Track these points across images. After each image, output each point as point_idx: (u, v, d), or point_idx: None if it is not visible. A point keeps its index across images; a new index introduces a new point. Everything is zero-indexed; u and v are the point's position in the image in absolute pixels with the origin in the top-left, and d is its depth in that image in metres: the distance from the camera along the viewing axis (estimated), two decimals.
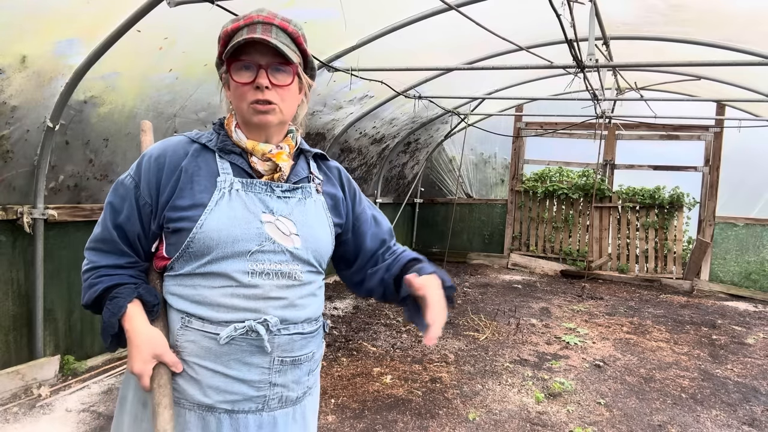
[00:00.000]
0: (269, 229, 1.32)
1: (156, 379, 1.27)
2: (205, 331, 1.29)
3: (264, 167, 1.36)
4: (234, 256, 1.28)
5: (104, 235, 1.36)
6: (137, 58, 3.62)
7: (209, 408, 1.31)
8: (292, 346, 1.35)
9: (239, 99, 1.32)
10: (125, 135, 4.02)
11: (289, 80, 1.32)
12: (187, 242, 1.29)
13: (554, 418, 3.69)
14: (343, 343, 5.04)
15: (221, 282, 1.29)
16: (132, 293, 1.31)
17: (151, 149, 1.38)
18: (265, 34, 1.27)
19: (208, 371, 1.30)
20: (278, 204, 1.35)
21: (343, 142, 6.87)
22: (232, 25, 1.32)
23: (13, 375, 3.57)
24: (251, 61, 1.29)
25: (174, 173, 1.32)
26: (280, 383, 1.35)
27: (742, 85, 6.76)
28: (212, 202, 1.29)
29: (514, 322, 6.00)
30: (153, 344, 1.28)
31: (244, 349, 1.30)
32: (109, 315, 1.30)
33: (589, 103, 6.67)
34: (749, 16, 4.81)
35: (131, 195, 1.34)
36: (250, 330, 1.28)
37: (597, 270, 9.13)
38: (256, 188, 1.34)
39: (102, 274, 1.34)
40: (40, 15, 2.98)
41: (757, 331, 6.26)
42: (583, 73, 4.62)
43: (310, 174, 1.44)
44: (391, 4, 4.45)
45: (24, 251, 3.73)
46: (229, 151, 1.36)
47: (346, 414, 3.59)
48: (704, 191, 8.88)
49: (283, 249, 1.32)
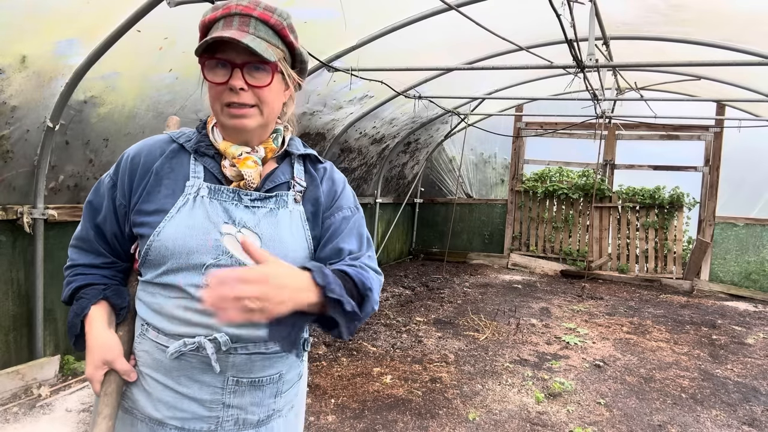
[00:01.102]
0: (228, 241, 1.21)
1: (104, 387, 1.23)
2: (158, 343, 1.23)
3: (231, 173, 1.25)
4: (188, 269, 1.20)
5: (83, 234, 1.34)
6: (137, 58, 3.61)
7: (159, 423, 1.25)
8: (250, 367, 1.25)
9: (213, 99, 1.22)
10: (125, 135, 4.02)
11: (267, 80, 1.19)
12: (146, 249, 1.22)
13: (554, 418, 3.69)
14: (343, 343, 5.04)
15: (176, 294, 1.22)
16: (98, 295, 1.27)
17: (129, 148, 1.32)
18: (240, 29, 1.16)
19: (159, 384, 1.24)
20: (244, 214, 1.23)
21: (343, 142, 6.87)
22: (209, 15, 1.22)
23: (13, 375, 3.57)
24: (226, 59, 1.17)
25: (146, 175, 1.25)
26: (235, 405, 1.26)
27: (742, 85, 6.76)
28: (174, 208, 1.21)
29: (514, 322, 6.00)
30: (105, 350, 1.22)
31: (194, 366, 1.22)
32: (73, 315, 1.26)
33: (589, 103, 6.67)
34: (749, 16, 4.81)
35: (108, 195, 1.30)
36: (200, 347, 1.20)
37: (597, 270, 9.13)
38: (222, 195, 1.24)
39: (77, 273, 1.32)
40: (40, 15, 2.97)
41: (757, 331, 6.26)
42: (583, 73, 4.62)
43: (292, 180, 1.31)
44: (392, 4, 4.44)
45: (24, 251, 3.73)
46: (203, 153, 1.27)
47: (346, 414, 3.59)
48: (704, 191, 8.88)
49: (241, 264, 1.20)
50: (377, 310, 1.40)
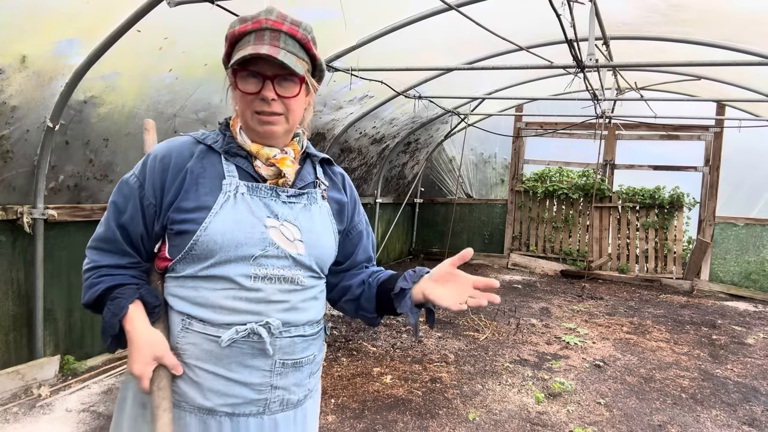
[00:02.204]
0: (273, 234, 1.31)
1: (156, 382, 1.26)
2: (207, 334, 1.28)
3: (267, 172, 1.35)
4: (237, 260, 1.27)
5: (107, 235, 1.35)
6: (137, 58, 3.61)
7: (210, 411, 1.29)
8: (293, 349, 1.34)
9: (244, 107, 1.30)
10: (125, 135, 4.02)
11: (295, 91, 1.29)
12: (191, 245, 1.27)
13: (554, 418, 3.69)
14: (343, 343, 5.04)
15: (224, 285, 1.28)
16: (134, 294, 1.30)
17: (156, 149, 1.36)
18: (272, 44, 1.25)
19: (208, 374, 1.29)
20: (283, 209, 1.34)
21: (343, 142, 6.87)
22: (239, 27, 1.28)
23: (13, 375, 3.57)
24: (258, 71, 1.26)
25: (179, 174, 1.31)
26: (281, 386, 1.34)
27: (742, 85, 6.76)
28: (217, 205, 1.28)
29: (514, 322, 6.00)
30: (154, 346, 1.27)
31: (245, 352, 1.29)
32: (110, 315, 1.28)
33: (589, 103, 6.67)
34: (749, 16, 4.81)
35: (135, 195, 1.33)
36: (252, 333, 1.27)
37: (597, 270, 9.13)
38: (261, 192, 1.33)
39: (103, 274, 1.33)
40: (40, 15, 2.97)
41: (757, 331, 6.26)
42: (583, 73, 4.62)
43: (317, 179, 1.44)
44: (391, 4, 4.44)
45: (24, 251, 3.73)
46: (234, 153, 1.35)
47: (346, 414, 3.59)
48: (704, 191, 8.88)
49: (286, 254, 1.31)
50: None
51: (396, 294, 1.42)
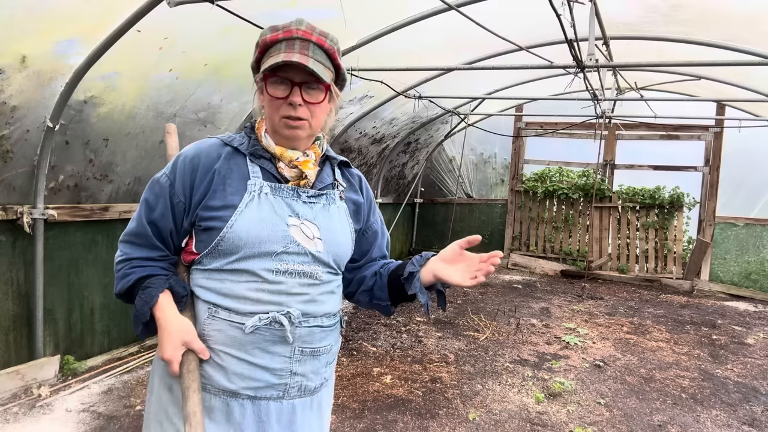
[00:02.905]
0: (294, 232, 1.39)
1: (185, 365, 1.35)
2: (232, 321, 1.37)
3: (291, 173, 1.43)
4: (261, 256, 1.36)
5: (139, 230, 1.44)
6: (137, 58, 3.61)
7: (233, 394, 1.38)
8: (311, 338, 1.43)
9: (272, 111, 1.39)
10: (125, 135, 4.02)
11: (321, 98, 1.39)
12: (218, 240, 1.36)
13: (554, 418, 3.69)
14: (343, 343, 5.04)
15: (248, 278, 1.37)
16: (164, 284, 1.38)
17: (186, 150, 1.45)
18: (302, 53, 1.33)
19: (233, 358, 1.37)
20: (304, 209, 1.42)
21: (343, 142, 6.87)
22: (270, 35, 1.36)
23: (13, 375, 3.57)
24: (287, 77, 1.35)
25: (207, 174, 1.40)
26: (300, 372, 1.42)
27: (742, 85, 6.75)
28: (242, 204, 1.37)
29: (514, 322, 6.00)
30: (183, 332, 1.35)
31: (267, 339, 1.37)
32: (141, 303, 1.37)
33: (589, 103, 6.67)
34: (749, 16, 4.81)
35: (166, 193, 1.41)
36: (273, 321, 1.36)
37: (597, 270, 9.13)
38: (283, 193, 1.41)
39: (135, 266, 1.42)
40: (40, 15, 2.97)
41: (757, 331, 6.26)
42: (583, 73, 4.62)
43: (335, 181, 1.52)
44: (391, 4, 4.44)
45: (24, 251, 3.73)
46: (259, 155, 1.43)
47: (346, 414, 3.59)
48: (704, 191, 8.88)
49: (306, 251, 1.40)
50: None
51: (406, 278, 1.51)
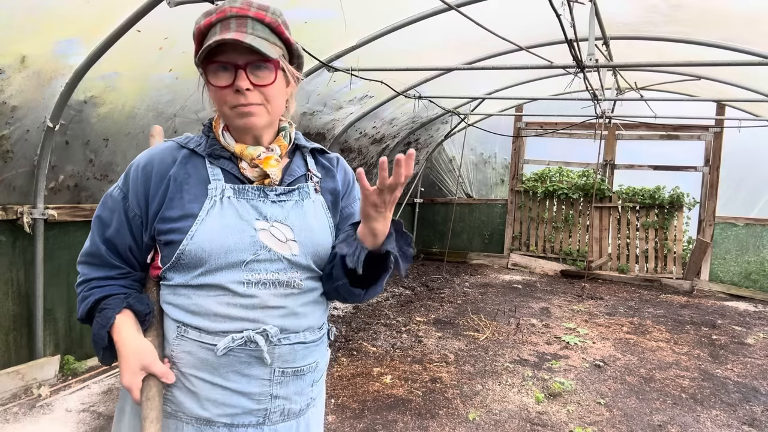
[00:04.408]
0: (264, 236, 1.25)
1: (145, 392, 1.22)
2: (202, 342, 1.24)
3: (253, 173, 1.28)
4: (228, 267, 1.23)
5: (92, 250, 1.32)
6: (137, 58, 3.61)
7: (207, 422, 1.26)
8: (293, 357, 1.29)
9: (220, 103, 1.24)
10: (125, 135, 4.02)
11: (271, 78, 1.21)
12: (178, 254, 1.23)
13: (554, 418, 3.69)
14: (343, 343, 5.04)
15: (216, 292, 1.24)
16: (120, 304, 1.26)
17: (138, 158, 1.31)
18: (239, 31, 1.17)
19: (205, 383, 1.25)
20: (273, 209, 1.28)
21: (343, 142, 6.87)
22: (204, 21, 1.21)
23: (13, 375, 3.57)
24: (228, 61, 1.18)
25: (162, 182, 1.26)
26: (281, 395, 1.29)
27: (742, 85, 6.75)
28: (203, 211, 1.23)
29: (514, 322, 6.00)
30: (140, 355, 1.22)
31: (242, 361, 1.24)
32: (98, 327, 1.25)
33: (589, 103, 6.67)
34: (749, 16, 4.81)
35: (120, 207, 1.29)
36: (248, 341, 1.23)
37: (597, 270, 9.13)
38: (248, 194, 1.27)
39: (93, 286, 1.30)
40: (40, 15, 2.97)
41: (757, 331, 6.26)
42: (583, 73, 4.62)
43: (308, 172, 1.36)
44: (391, 4, 4.44)
45: (24, 251, 3.73)
46: (218, 155, 1.29)
47: (346, 414, 3.59)
48: (704, 191, 8.88)
49: (279, 257, 1.26)
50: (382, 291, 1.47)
51: (345, 254, 1.25)
